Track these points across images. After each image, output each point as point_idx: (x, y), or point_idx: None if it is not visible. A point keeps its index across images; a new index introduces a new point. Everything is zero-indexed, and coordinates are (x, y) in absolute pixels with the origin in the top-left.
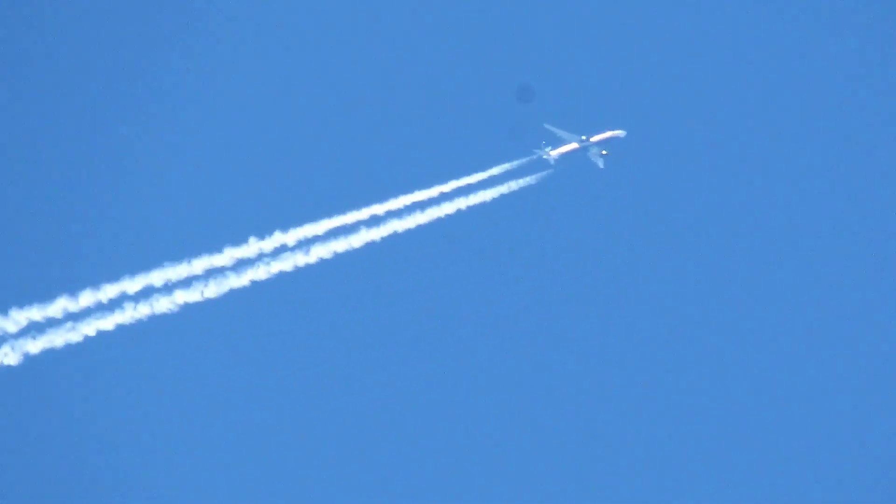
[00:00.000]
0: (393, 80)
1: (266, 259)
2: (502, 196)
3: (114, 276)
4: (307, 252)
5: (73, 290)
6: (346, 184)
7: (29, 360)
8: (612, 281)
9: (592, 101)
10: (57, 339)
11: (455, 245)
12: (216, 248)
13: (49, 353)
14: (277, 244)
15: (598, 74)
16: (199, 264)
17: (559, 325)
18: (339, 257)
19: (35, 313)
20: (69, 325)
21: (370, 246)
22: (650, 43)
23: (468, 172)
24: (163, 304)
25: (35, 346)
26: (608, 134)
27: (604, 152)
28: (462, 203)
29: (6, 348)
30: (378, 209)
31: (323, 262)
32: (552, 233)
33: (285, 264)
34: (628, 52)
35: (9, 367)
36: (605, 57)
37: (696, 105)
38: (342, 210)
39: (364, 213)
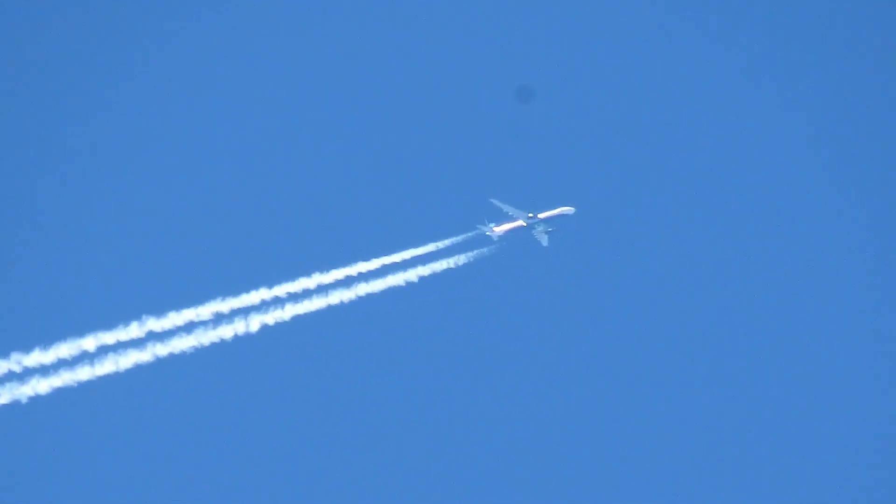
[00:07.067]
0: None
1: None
2: (435, 274)
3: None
4: (231, 322)
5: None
6: (282, 255)
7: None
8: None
9: (541, 176)
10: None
11: (384, 322)
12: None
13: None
14: (203, 315)
15: (549, 149)
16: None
17: (491, 406)
18: (253, 335)
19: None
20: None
21: (297, 320)
22: (603, 122)
23: (404, 247)
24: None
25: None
26: (557, 211)
27: (549, 229)
28: (395, 280)
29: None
30: (309, 283)
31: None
32: (485, 311)
33: (206, 337)
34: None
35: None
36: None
37: (647, 182)
38: (269, 283)
39: (296, 286)
